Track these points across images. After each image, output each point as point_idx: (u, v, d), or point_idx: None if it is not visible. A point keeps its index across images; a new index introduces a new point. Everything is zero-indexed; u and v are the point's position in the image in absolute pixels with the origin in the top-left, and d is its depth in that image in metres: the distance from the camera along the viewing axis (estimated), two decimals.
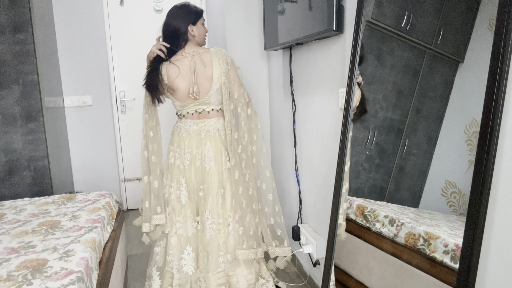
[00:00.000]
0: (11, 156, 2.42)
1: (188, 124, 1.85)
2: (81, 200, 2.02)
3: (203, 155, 1.82)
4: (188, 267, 1.83)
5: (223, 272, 1.84)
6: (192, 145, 1.83)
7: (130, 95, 3.48)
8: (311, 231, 2.08)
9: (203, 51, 1.82)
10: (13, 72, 2.36)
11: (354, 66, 1.39)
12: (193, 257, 1.83)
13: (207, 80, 1.78)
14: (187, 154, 1.83)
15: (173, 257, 1.85)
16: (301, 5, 1.86)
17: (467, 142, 1.10)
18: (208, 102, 1.82)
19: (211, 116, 1.84)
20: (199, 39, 1.85)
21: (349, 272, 1.47)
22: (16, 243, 1.43)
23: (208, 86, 1.79)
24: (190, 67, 1.78)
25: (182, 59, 1.80)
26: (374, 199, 1.44)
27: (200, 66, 1.78)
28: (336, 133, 1.73)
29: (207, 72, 1.78)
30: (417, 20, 1.29)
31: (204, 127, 1.83)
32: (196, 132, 1.83)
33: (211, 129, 1.83)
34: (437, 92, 1.26)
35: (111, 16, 3.34)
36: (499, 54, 0.82)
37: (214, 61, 1.79)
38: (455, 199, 1.15)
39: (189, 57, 1.79)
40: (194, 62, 1.78)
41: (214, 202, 1.81)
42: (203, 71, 1.78)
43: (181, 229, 1.84)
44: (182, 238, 1.85)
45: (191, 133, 1.83)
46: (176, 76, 1.78)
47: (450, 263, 1.00)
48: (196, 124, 1.83)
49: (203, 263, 1.84)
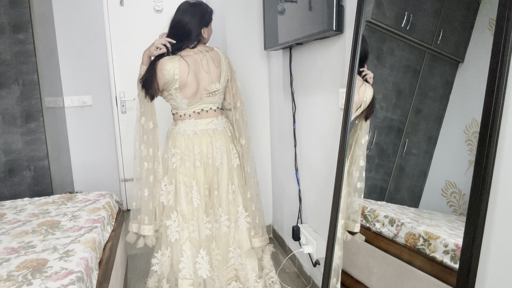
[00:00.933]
0: (11, 156, 2.42)
1: (193, 124, 1.80)
2: (81, 200, 2.02)
3: (214, 154, 1.81)
4: (202, 270, 1.75)
5: (232, 266, 1.86)
6: (202, 145, 1.79)
7: (130, 95, 3.47)
8: (311, 231, 2.08)
9: (210, 49, 1.84)
10: (13, 72, 2.36)
11: (354, 66, 1.39)
12: (207, 260, 1.77)
13: (218, 78, 1.81)
14: (197, 154, 1.78)
15: (186, 264, 1.76)
16: (301, 5, 1.86)
17: (467, 142, 1.10)
18: (214, 101, 1.83)
19: (215, 114, 1.84)
20: (207, 40, 1.87)
21: (349, 272, 1.47)
22: (16, 243, 1.43)
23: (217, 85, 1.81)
24: (203, 65, 1.77)
25: (194, 55, 1.77)
26: (374, 199, 1.44)
27: (212, 64, 1.79)
28: (336, 133, 1.73)
29: (218, 70, 1.81)
30: (417, 20, 1.29)
31: (211, 126, 1.82)
32: (203, 131, 1.80)
33: (219, 127, 1.83)
34: (437, 92, 1.26)
35: (111, 16, 3.34)
36: (499, 54, 0.82)
37: (222, 59, 1.84)
38: (455, 199, 1.15)
39: (201, 54, 1.79)
40: (207, 60, 1.78)
41: (225, 199, 1.84)
42: (214, 70, 1.80)
43: (195, 233, 1.77)
44: (195, 242, 1.77)
45: (198, 133, 1.79)
46: (188, 72, 1.73)
47: (450, 263, 1.00)
48: (201, 123, 1.81)
49: (217, 260, 1.84)
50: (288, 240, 2.56)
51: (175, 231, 1.76)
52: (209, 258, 1.80)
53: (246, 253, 1.87)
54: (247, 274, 1.86)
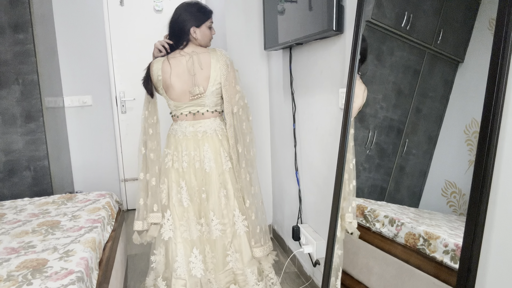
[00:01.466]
0: (11, 156, 2.42)
1: (184, 126, 1.82)
2: (81, 200, 2.02)
3: (202, 157, 1.80)
4: (196, 269, 1.79)
5: (231, 270, 1.84)
6: (190, 147, 1.81)
7: (130, 95, 3.48)
8: (311, 231, 2.08)
9: (202, 51, 1.79)
10: (13, 72, 2.36)
11: (354, 66, 1.39)
12: (201, 259, 1.80)
13: (204, 81, 1.77)
14: (185, 156, 1.81)
15: (180, 263, 1.80)
16: (301, 5, 1.86)
17: (467, 142, 1.10)
18: (203, 104, 1.80)
19: (206, 117, 1.82)
20: (202, 42, 1.81)
21: (349, 272, 1.47)
22: (16, 243, 1.43)
23: (205, 87, 1.77)
24: (188, 67, 1.76)
25: (180, 57, 1.78)
26: (374, 199, 1.44)
27: (197, 67, 1.76)
28: (336, 133, 1.73)
29: (204, 73, 1.76)
30: (417, 20, 1.29)
31: (201, 128, 1.81)
32: (192, 133, 1.81)
33: (208, 130, 1.81)
34: (437, 92, 1.26)
35: (111, 16, 3.34)
36: (499, 54, 0.82)
37: (212, 62, 1.77)
38: (455, 199, 1.15)
39: (187, 56, 1.77)
40: (192, 62, 1.76)
41: (217, 203, 1.80)
42: (200, 73, 1.76)
43: (186, 233, 1.81)
44: (187, 242, 1.81)
45: (187, 135, 1.81)
46: (170, 74, 1.76)
47: (450, 263, 1.00)
48: (192, 125, 1.81)
49: (212, 263, 1.83)
50: (288, 240, 2.56)
51: (169, 229, 1.80)
52: (202, 257, 1.81)
53: (248, 262, 1.84)
54: (247, 278, 1.85)
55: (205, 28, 1.79)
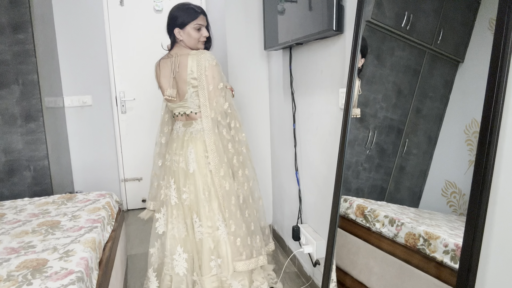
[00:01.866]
0: (11, 156, 2.42)
1: (179, 126, 1.88)
2: (81, 200, 2.02)
3: (186, 157, 1.80)
4: (179, 267, 1.80)
5: (216, 275, 1.81)
6: (178, 147, 1.84)
7: (130, 95, 3.47)
8: (311, 231, 2.08)
9: (183, 53, 1.76)
10: (13, 72, 2.36)
11: (354, 66, 1.39)
12: (184, 258, 1.81)
13: (184, 83, 1.76)
14: (175, 155, 1.85)
15: (169, 258, 1.84)
16: (301, 5, 1.86)
17: (467, 142, 1.10)
18: (187, 106, 1.80)
19: (194, 118, 1.82)
20: (189, 43, 1.77)
21: (349, 272, 1.47)
22: (16, 243, 1.43)
23: (185, 89, 1.77)
24: (172, 69, 1.78)
25: (167, 59, 1.82)
26: (374, 199, 1.44)
27: (176, 69, 1.76)
28: (336, 133, 1.73)
29: (182, 75, 1.75)
30: (417, 20, 1.29)
31: (189, 129, 1.83)
32: (182, 133, 1.85)
33: (194, 131, 1.81)
34: (437, 92, 1.26)
35: (111, 16, 3.34)
36: (499, 54, 0.82)
37: (189, 64, 1.72)
38: (455, 199, 1.15)
39: (172, 58, 1.79)
40: (173, 64, 1.78)
41: (201, 205, 1.79)
42: (178, 75, 1.77)
43: (174, 230, 1.84)
44: (175, 239, 1.84)
45: (179, 135, 1.86)
46: (160, 75, 1.84)
47: (450, 263, 1.00)
48: (184, 125, 1.85)
49: (198, 265, 1.83)
50: (288, 240, 2.56)
51: (163, 223, 1.87)
52: (187, 256, 1.82)
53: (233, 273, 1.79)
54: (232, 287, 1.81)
55: (190, 29, 1.75)
